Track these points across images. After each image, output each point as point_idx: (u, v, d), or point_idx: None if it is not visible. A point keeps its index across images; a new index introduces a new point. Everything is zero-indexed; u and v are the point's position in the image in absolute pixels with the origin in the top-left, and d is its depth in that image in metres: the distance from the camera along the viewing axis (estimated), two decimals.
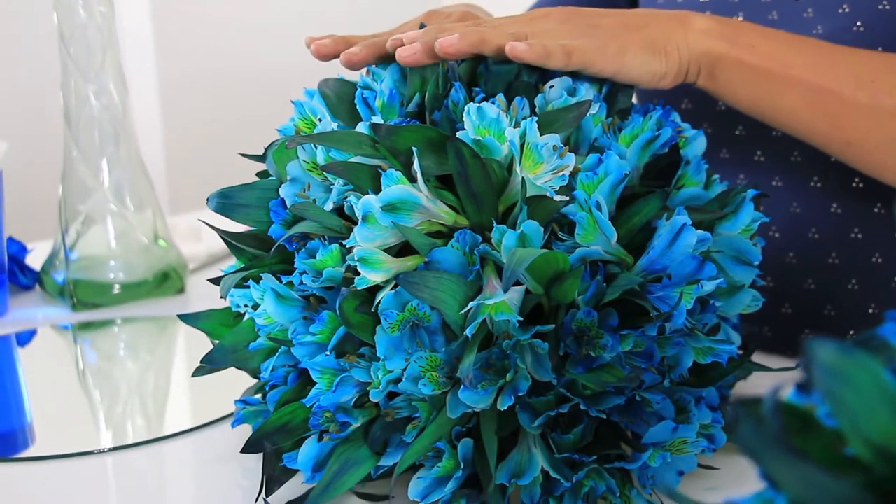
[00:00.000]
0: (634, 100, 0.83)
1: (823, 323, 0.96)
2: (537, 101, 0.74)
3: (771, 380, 0.86)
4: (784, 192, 0.95)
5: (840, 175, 0.92)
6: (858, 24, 0.89)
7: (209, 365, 0.76)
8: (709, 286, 0.68)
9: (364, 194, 0.67)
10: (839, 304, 0.95)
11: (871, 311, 0.94)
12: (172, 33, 2.77)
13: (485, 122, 0.68)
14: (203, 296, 1.23)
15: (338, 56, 0.82)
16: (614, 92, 0.80)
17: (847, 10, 0.90)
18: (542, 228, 0.65)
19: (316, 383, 0.69)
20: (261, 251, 0.77)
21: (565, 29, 0.78)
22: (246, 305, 0.75)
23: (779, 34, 0.82)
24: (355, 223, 0.66)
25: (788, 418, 0.33)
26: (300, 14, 2.89)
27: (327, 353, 0.69)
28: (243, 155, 0.84)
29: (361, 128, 0.71)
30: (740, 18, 0.96)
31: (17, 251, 1.27)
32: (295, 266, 0.71)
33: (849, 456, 0.32)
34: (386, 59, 0.79)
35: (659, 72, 0.78)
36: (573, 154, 0.69)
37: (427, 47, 0.75)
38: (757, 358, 0.88)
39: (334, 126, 0.75)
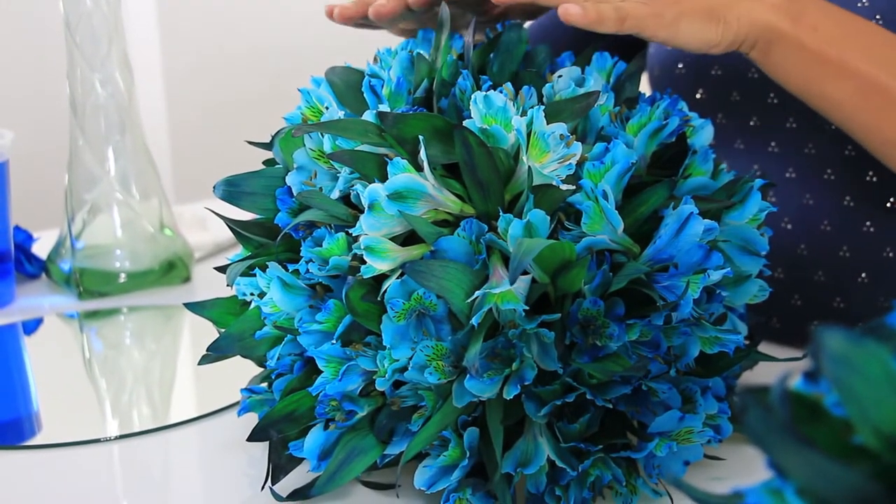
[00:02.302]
0: (648, 90, 0.82)
1: (833, 315, 0.96)
2: (545, 90, 0.74)
3: (777, 370, 0.86)
4: (797, 184, 0.94)
5: (854, 168, 0.92)
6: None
7: (215, 353, 0.76)
8: (715, 276, 0.68)
9: (370, 183, 0.67)
10: (849, 297, 0.95)
11: (880, 304, 0.94)
12: (178, 22, 2.77)
13: (492, 110, 0.68)
14: (209, 284, 1.23)
15: (362, 18, 0.81)
16: (622, 81, 0.80)
17: (866, 3, 0.89)
18: (548, 217, 0.65)
19: (322, 372, 0.69)
20: (267, 239, 0.77)
21: None
22: (252, 294, 0.75)
23: (846, 17, 0.80)
24: (361, 212, 0.66)
25: (796, 407, 0.33)
26: (307, 1, 2.88)
27: (333, 341, 0.69)
28: (250, 143, 0.84)
29: (368, 116, 0.70)
30: None
31: (24, 240, 1.27)
32: (301, 254, 0.71)
33: (857, 444, 0.32)
34: (413, 10, 0.79)
35: (712, 40, 0.76)
36: (580, 143, 0.69)
37: None
38: (764, 349, 0.88)
39: (341, 114, 0.75)
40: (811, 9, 0.78)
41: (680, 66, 1.00)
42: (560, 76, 0.75)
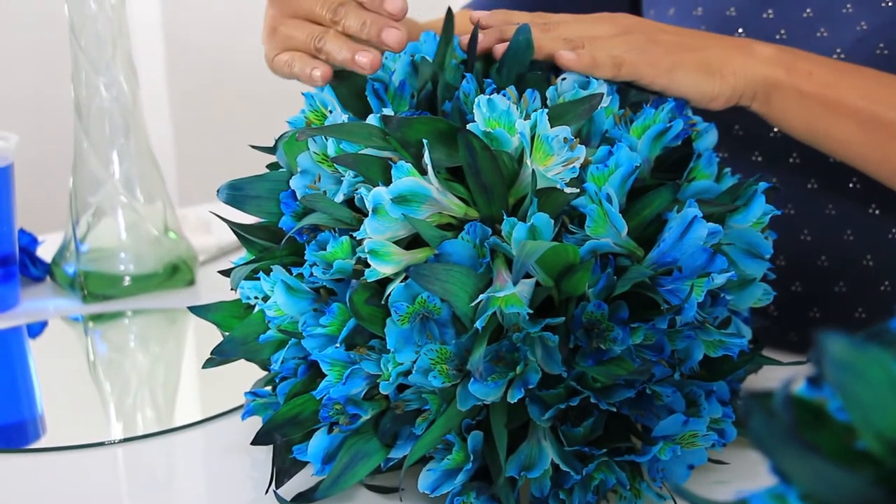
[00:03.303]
0: None
1: (853, 326, 0.95)
2: (549, 93, 0.74)
3: (782, 374, 0.85)
4: (820, 195, 0.94)
5: None
6: None
7: (219, 357, 0.77)
8: (720, 279, 0.68)
9: (374, 186, 0.67)
10: (871, 307, 0.94)
11: None
12: (182, 25, 2.77)
13: (495, 113, 0.68)
14: (213, 288, 1.23)
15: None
16: (628, 85, 0.79)
17: (890, 3, 0.89)
18: (552, 221, 0.65)
19: (326, 375, 0.69)
20: (271, 243, 0.77)
21: (623, 40, 0.79)
22: (256, 297, 0.75)
23: (835, 63, 0.83)
24: (366, 215, 0.66)
25: (800, 412, 0.33)
26: None
27: (337, 345, 0.69)
28: (254, 147, 0.84)
29: (372, 119, 0.70)
30: (770, 14, 0.95)
31: (28, 243, 1.27)
32: (305, 258, 0.71)
33: (860, 450, 0.32)
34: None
35: (710, 92, 0.79)
36: (583, 146, 0.69)
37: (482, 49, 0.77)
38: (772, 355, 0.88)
39: (345, 118, 0.75)
40: (801, 58, 0.82)
41: None
42: (564, 79, 0.75)
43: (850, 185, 0.93)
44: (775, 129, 0.95)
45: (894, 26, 0.88)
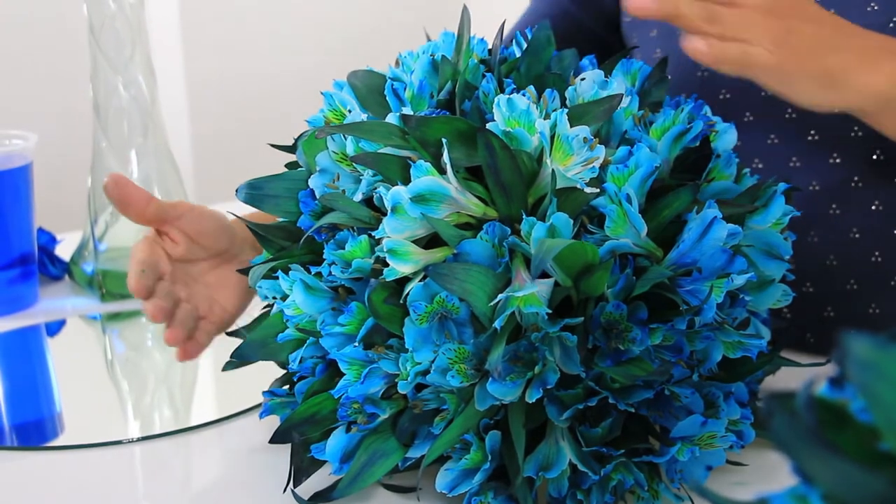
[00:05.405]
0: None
1: (868, 322, 0.95)
2: (568, 93, 0.74)
3: (800, 375, 0.85)
4: (823, 196, 0.93)
5: (883, 172, 0.91)
6: None
7: (239, 360, 0.77)
8: (739, 280, 0.67)
9: (393, 185, 0.67)
10: (883, 302, 0.94)
11: None
12: (201, 25, 2.78)
13: (515, 113, 0.68)
14: None
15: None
16: (648, 86, 0.79)
17: (876, 7, 0.88)
18: (571, 221, 0.65)
19: (344, 374, 0.69)
20: (289, 242, 0.77)
21: (764, 25, 0.74)
22: (274, 297, 0.76)
23: None
24: (384, 214, 0.66)
25: (822, 413, 0.33)
26: (329, 5, 2.89)
27: (356, 344, 0.69)
28: (273, 146, 0.84)
29: (391, 118, 0.70)
30: None
31: (47, 242, 1.27)
32: (324, 257, 0.71)
33: (883, 451, 0.32)
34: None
35: (824, 105, 0.77)
36: (603, 146, 0.69)
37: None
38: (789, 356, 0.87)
39: (364, 117, 0.75)
40: None
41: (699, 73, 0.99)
42: (583, 79, 0.75)
43: (852, 185, 0.92)
44: (772, 137, 0.95)
45: (886, 27, 0.88)
